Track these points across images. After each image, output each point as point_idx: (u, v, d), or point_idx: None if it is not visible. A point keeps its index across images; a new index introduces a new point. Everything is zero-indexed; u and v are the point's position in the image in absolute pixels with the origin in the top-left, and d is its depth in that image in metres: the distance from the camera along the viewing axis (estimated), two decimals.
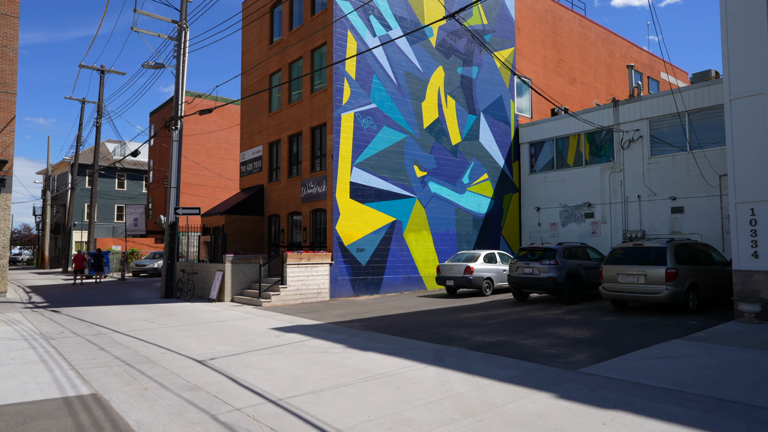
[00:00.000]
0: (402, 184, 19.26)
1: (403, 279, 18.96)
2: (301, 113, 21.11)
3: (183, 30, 18.90)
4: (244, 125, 25.71)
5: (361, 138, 18.19)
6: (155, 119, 41.94)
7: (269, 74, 23.67)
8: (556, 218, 22.08)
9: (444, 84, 21.00)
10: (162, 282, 18.26)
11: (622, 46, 30.81)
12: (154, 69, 18.76)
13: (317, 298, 16.56)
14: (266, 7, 23.94)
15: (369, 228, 18.17)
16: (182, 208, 18.01)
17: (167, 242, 18.38)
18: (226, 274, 16.69)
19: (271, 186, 23.08)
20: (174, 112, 18.86)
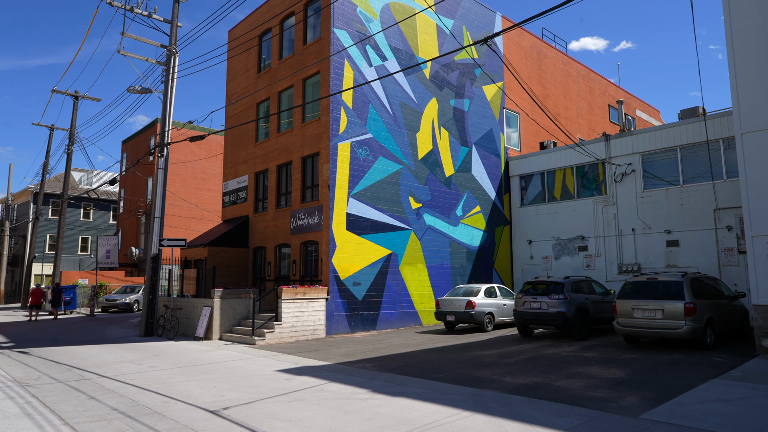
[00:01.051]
0: (398, 215, 18.76)
1: (399, 314, 18.23)
2: (291, 142, 20.54)
3: (172, 55, 18.26)
4: (228, 154, 24.92)
5: (357, 168, 17.70)
6: (128, 147, 40.63)
7: (257, 103, 23.13)
8: (548, 251, 21.90)
9: (437, 115, 20.88)
10: (142, 318, 17.01)
11: (601, 84, 31.67)
12: (140, 94, 17.97)
13: (313, 335, 15.65)
14: (255, 36, 23.58)
15: (365, 261, 17.50)
16: (167, 240, 16.98)
17: (149, 275, 17.22)
18: (215, 310, 15.64)
19: (257, 217, 22.21)
20: (160, 139, 18.01)
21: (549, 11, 7.15)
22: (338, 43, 17.76)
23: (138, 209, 35.95)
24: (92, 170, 55.48)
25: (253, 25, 23.74)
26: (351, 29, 18.16)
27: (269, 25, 22.71)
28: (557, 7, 7.08)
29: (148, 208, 35.23)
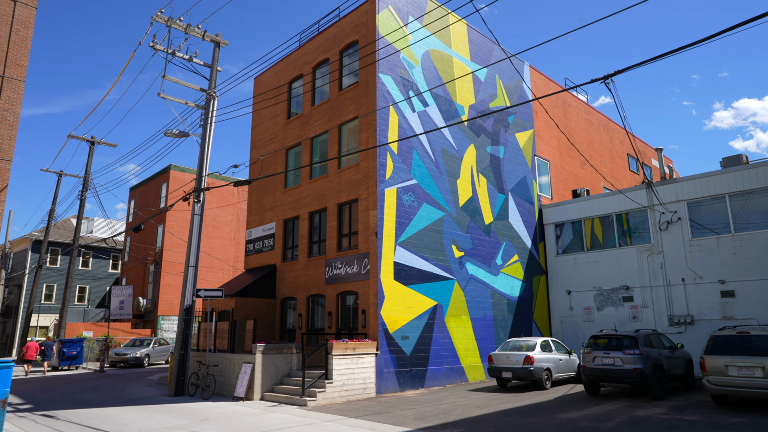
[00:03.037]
0: (442, 264, 17.96)
1: (446, 370, 17.11)
2: (326, 189, 19.92)
3: (212, 99, 17.83)
4: (253, 201, 24.20)
5: (403, 215, 17.04)
6: (135, 195, 39.81)
7: (286, 149, 22.66)
8: (589, 302, 21.08)
9: (476, 162, 20.49)
10: (172, 375, 15.70)
11: (619, 133, 31.86)
12: (178, 137, 17.37)
13: (363, 394, 14.46)
14: (284, 82, 23.40)
15: (412, 313, 16.54)
16: (205, 290, 15.94)
17: (181, 329, 16.04)
18: (257, 367, 14.45)
19: (285, 266, 21.26)
20: (197, 184, 17.28)
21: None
22: (383, 87, 17.49)
23: (147, 258, 34.72)
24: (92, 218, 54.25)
25: (281, 73, 23.61)
26: (395, 75, 17.95)
27: (300, 71, 22.56)
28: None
29: (157, 257, 34.04)
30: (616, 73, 7.66)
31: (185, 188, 35.31)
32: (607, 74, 7.78)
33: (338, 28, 20.58)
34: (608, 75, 7.80)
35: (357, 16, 19.48)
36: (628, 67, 7.52)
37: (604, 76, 7.81)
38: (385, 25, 18.07)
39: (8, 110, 18.68)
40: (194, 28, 17.60)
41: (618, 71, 7.63)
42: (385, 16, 18.16)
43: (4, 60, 18.85)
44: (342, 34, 20.31)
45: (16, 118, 18.90)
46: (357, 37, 19.66)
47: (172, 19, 17.02)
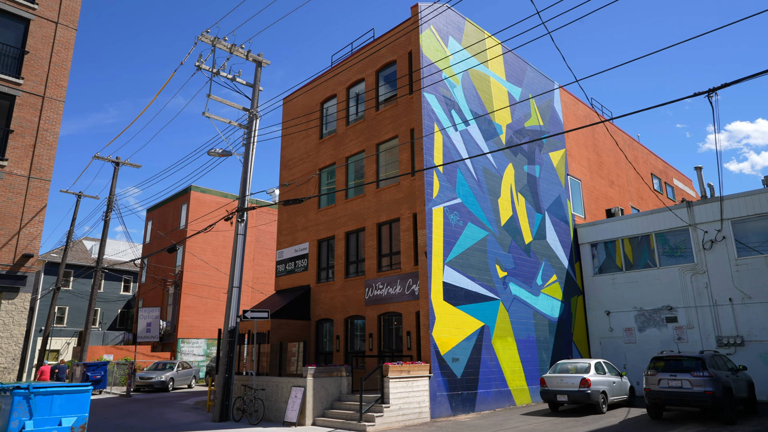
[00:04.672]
0: (487, 284, 17.67)
1: (494, 393, 16.66)
2: (363, 208, 19.74)
3: (255, 118, 17.75)
4: (284, 221, 23.98)
5: (450, 234, 16.81)
6: (153, 216, 39.59)
7: (319, 168, 22.54)
8: (630, 323, 20.70)
9: (514, 181, 20.36)
10: (216, 400, 15.25)
11: (643, 153, 31.85)
12: (221, 156, 17.24)
13: (419, 419, 14.01)
14: (316, 102, 23.41)
15: (462, 334, 16.18)
16: (251, 311, 15.58)
17: (225, 351, 15.64)
18: (308, 391, 14.03)
19: (320, 287, 20.94)
20: (239, 203, 17.08)
21: None
22: (428, 107, 17.44)
23: (166, 278, 34.31)
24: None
25: (312, 93, 23.64)
26: (438, 94, 17.92)
27: (334, 92, 22.59)
28: None
29: (177, 279, 33.64)
30: (722, 86, 7.53)
31: (206, 210, 35.11)
32: (712, 88, 7.64)
33: (374, 48, 20.65)
34: (713, 89, 7.66)
35: (395, 37, 19.56)
36: (736, 81, 7.38)
37: (708, 90, 7.67)
38: (428, 45, 18.12)
39: (48, 130, 18.60)
40: (238, 48, 17.62)
41: (725, 84, 7.50)
42: (428, 36, 18.23)
43: (44, 80, 18.84)
44: (378, 55, 20.38)
45: (55, 138, 18.81)
46: (395, 57, 19.72)
47: (218, 39, 17.05)
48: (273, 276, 37.77)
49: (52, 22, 19.39)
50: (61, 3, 19.77)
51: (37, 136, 18.28)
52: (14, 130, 17.81)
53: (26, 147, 18.00)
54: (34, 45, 18.78)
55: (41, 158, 18.24)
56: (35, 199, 17.89)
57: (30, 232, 17.53)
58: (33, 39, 18.81)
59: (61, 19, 19.63)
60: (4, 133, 17.67)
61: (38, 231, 17.77)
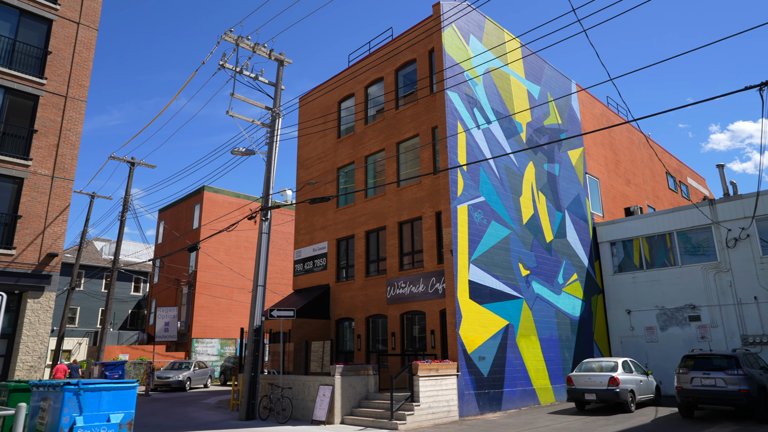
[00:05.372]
0: (511, 283, 17.62)
1: (520, 392, 16.61)
2: (384, 207, 19.72)
3: (277, 117, 17.76)
4: (301, 220, 23.99)
5: (474, 233, 16.77)
6: (165, 216, 39.66)
7: (337, 167, 22.54)
8: (652, 322, 20.61)
9: (535, 179, 20.31)
10: (243, 398, 15.24)
11: (658, 151, 31.74)
12: (244, 155, 17.24)
13: (447, 418, 13.97)
14: (333, 102, 23.41)
15: (487, 333, 16.13)
16: (278, 310, 15.58)
17: (251, 350, 15.62)
18: (336, 390, 14.00)
19: (340, 286, 20.92)
20: (263, 202, 17.08)
21: None
22: (451, 105, 17.41)
23: (180, 278, 34.35)
24: (113, 240, 54.02)
25: (329, 93, 23.64)
26: (460, 92, 17.89)
27: (351, 91, 22.59)
28: None
29: (190, 279, 33.68)
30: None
31: (219, 209, 35.16)
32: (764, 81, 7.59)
33: (393, 47, 20.64)
34: (764, 82, 7.61)
35: (415, 36, 19.54)
36: None
37: (760, 83, 7.62)
38: (450, 44, 18.10)
39: (70, 130, 18.64)
40: (261, 47, 17.63)
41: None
42: (450, 35, 18.20)
43: (67, 80, 18.88)
44: (398, 53, 20.36)
45: (78, 137, 18.85)
46: (414, 56, 19.70)
47: (241, 38, 17.05)
48: (285, 275, 37.77)
49: (74, 23, 19.44)
50: (83, 3, 19.82)
51: (60, 135, 18.32)
52: (38, 130, 17.86)
53: (50, 147, 18.05)
54: (56, 45, 18.83)
55: (64, 158, 18.29)
56: (59, 198, 17.93)
57: (54, 231, 17.58)
58: (55, 39, 18.87)
59: (83, 20, 19.69)
60: (29, 133, 17.72)
61: (62, 230, 17.82)
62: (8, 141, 17.36)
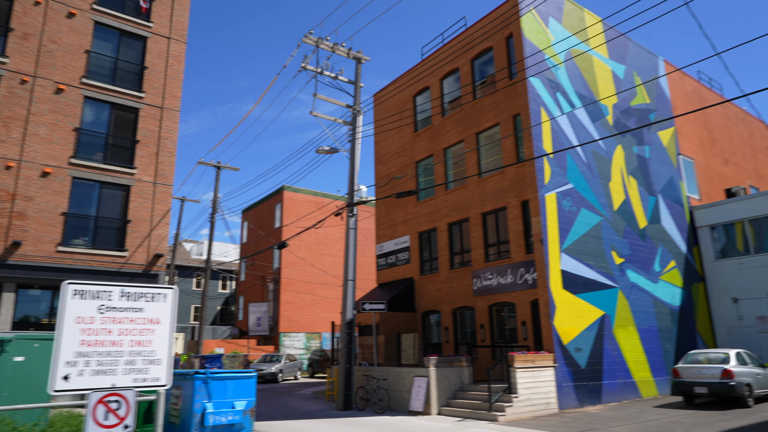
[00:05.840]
0: (604, 272, 16.95)
1: (620, 385, 15.97)
2: (466, 199, 19.56)
3: (357, 114, 18.09)
4: (382, 215, 24.30)
5: (564, 221, 16.28)
6: (248, 216, 41.49)
7: (415, 161, 22.61)
8: (763, 310, 19.09)
9: (624, 163, 19.38)
10: (339, 389, 15.73)
11: (759, 127, 29.28)
12: (328, 154, 17.73)
13: (547, 410, 13.70)
14: (408, 96, 23.48)
15: (582, 324, 15.63)
16: (370, 303, 15.93)
17: (345, 342, 16.08)
18: (431, 381, 14.11)
19: (424, 279, 21.02)
20: (349, 199, 17.49)
21: None
22: (533, 91, 16.96)
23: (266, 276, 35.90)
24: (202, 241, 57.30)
25: (403, 87, 23.72)
26: (542, 77, 17.38)
27: (426, 84, 22.55)
28: None
29: (275, 275, 35.10)
30: None
31: (298, 208, 36.35)
32: None
33: (467, 37, 20.38)
34: None
35: (491, 23, 19.19)
36: None
37: None
38: (529, 28, 17.62)
39: (167, 138, 19.92)
40: (339, 46, 18.00)
41: None
42: (528, 19, 17.72)
43: (162, 93, 20.20)
44: (473, 43, 20.08)
45: (174, 145, 20.12)
46: (491, 43, 19.36)
47: (321, 39, 17.49)
48: (364, 270, 38.44)
49: (165, 38, 20.76)
50: (172, 19, 21.12)
51: (159, 144, 19.67)
52: (140, 140, 19.27)
53: (150, 155, 19.42)
54: (151, 60, 20.20)
55: (164, 165, 19.62)
56: (161, 203, 19.27)
57: (159, 233, 18.91)
58: (150, 55, 20.24)
59: (173, 34, 20.97)
60: (132, 144, 19.16)
61: (165, 233, 19.14)
62: (115, 152, 18.87)
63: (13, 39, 17.34)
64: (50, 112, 17.56)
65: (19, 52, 17.36)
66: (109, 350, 3.99)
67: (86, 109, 18.52)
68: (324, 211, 37.00)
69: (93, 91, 18.60)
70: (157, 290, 4.74)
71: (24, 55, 17.43)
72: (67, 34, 18.43)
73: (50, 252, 16.69)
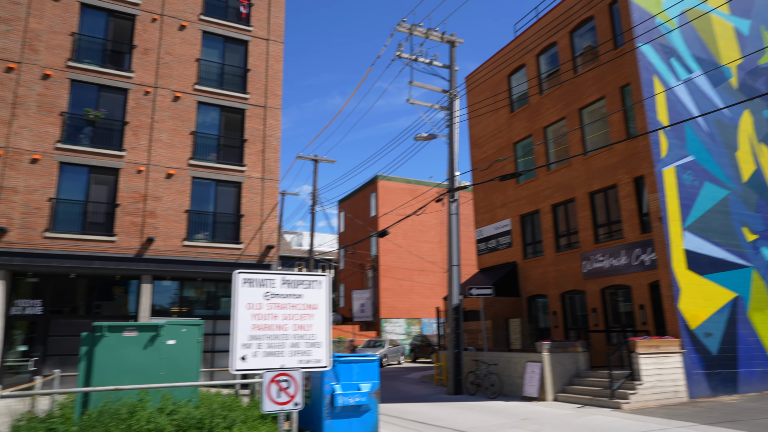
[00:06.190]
0: (734, 250, 15.51)
1: (759, 374, 14.61)
2: (570, 179, 18.71)
3: (454, 98, 17.89)
4: (480, 200, 23.95)
5: (685, 197, 15.07)
6: (345, 207, 42.69)
7: (513, 143, 21.98)
8: None
9: (753, 130, 17.52)
10: (449, 374, 15.84)
11: None
12: (427, 140, 17.73)
13: (675, 398, 12.87)
14: (502, 76, 22.80)
15: (711, 307, 14.45)
16: (477, 288, 15.85)
17: (452, 327, 16.14)
18: (546, 367, 13.77)
19: (528, 263, 20.47)
20: (449, 184, 17.41)
21: None
22: (644, 59, 15.77)
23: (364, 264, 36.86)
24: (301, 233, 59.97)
25: (496, 67, 23.04)
26: (654, 43, 16.10)
27: (521, 62, 21.76)
28: None
29: (373, 263, 35.92)
30: None
31: (392, 196, 36.82)
32: None
33: (564, 9, 19.34)
34: None
35: None
36: None
37: None
38: None
39: (271, 136, 20.95)
40: (433, 31, 17.86)
41: None
42: None
43: (264, 92, 21.25)
44: (571, 14, 19.03)
45: (278, 142, 21.12)
46: (592, 12, 18.24)
47: (415, 26, 17.45)
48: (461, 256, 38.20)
49: (264, 40, 21.77)
50: (269, 21, 22.08)
51: (264, 142, 20.75)
52: (247, 139, 20.46)
53: (257, 153, 20.56)
54: (252, 62, 21.30)
55: (269, 161, 20.70)
56: (269, 197, 20.37)
57: (269, 226, 20.04)
58: (251, 57, 21.34)
59: (271, 36, 21.93)
60: (240, 143, 20.40)
61: (274, 225, 20.23)
62: (227, 151, 20.19)
63: (137, 55, 19.06)
64: (170, 118, 19.14)
65: (142, 66, 19.05)
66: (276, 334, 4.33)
67: (199, 113, 19.96)
68: (419, 199, 37.16)
69: (204, 96, 19.99)
70: (313, 277, 5.04)
71: (146, 68, 19.10)
72: (180, 45, 19.92)
73: (177, 246, 18.29)
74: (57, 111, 17.44)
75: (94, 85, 18.31)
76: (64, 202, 17.14)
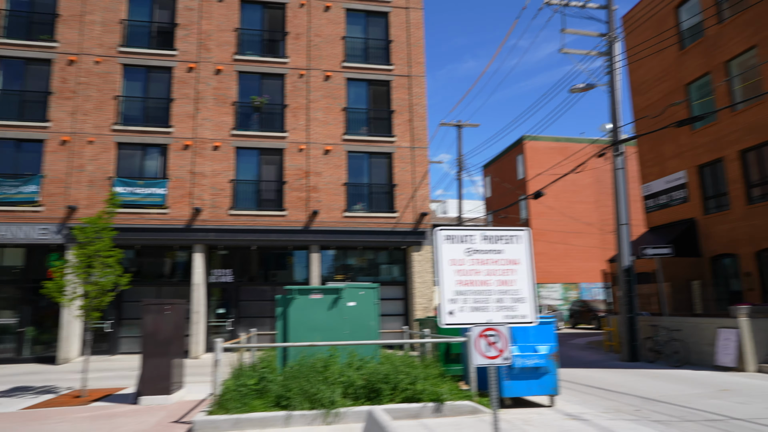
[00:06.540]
0: None
1: None
2: (764, 117, 15.97)
3: (613, 42, 16.20)
4: (645, 152, 21.69)
5: None
6: (490, 171, 41.76)
7: (684, 84, 19.37)
8: None
9: None
10: (623, 341, 14.81)
11: None
12: (583, 92, 16.37)
13: None
14: (668, 9, 20.02)
15: None
16: (652, 248, 14.51)
17: (625, 291, 14.98)
18: (744, 333, 12.14)
19: (710, 219, 18.12)
20: (613, 136, 15.96)
21: None
22: None
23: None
24: (445, 200, 60.29)
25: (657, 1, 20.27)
26: None
27: None
28: None
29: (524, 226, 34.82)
30: None
31: (540, 156, 35.05)
32: None
33: None
34: None
35: None
36: None
37: None
38: None
39: (417, 104, 21.02)
40: None
41: None
42: None
43: (408, 61, 21.30)
44: None
45: (424, 110, 21.14)
46: None
47: None
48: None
49: (404, 9, 21.72)
50: None
51: (411, 111, 20.93)
52: (395, 110, 20.81)
53: (404, 123, 20.83)
54: (394, 33, 21.43)
55: (417, 130, 20.86)
56: (419, 165, 20.62)
57: (421, 194, 20.34)
58: (393, 28, 21.47)
59: (410, 3, 21.81)
60: (388, 114, 20.82)
61: (426, 192, 20.48)
62: (376, 124, 20.77)
63: (289, 41, 20.32)
64: (323, 97, 20.19)
65: (295, 50, 20.28)
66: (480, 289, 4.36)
67: (349, 89, 20.73)
68: (571, 159, 34.86)
69: (352, 72, 20.69)
70: (513, 233, 4.96)
71: (298, 52, 20.30)
72: (327, 26, 20.76)
73: (338, 217, 19.46)
74: (229, 101, 19.40)
75: (257, 74, 19.96)
76: (242, 182, 19.17)
